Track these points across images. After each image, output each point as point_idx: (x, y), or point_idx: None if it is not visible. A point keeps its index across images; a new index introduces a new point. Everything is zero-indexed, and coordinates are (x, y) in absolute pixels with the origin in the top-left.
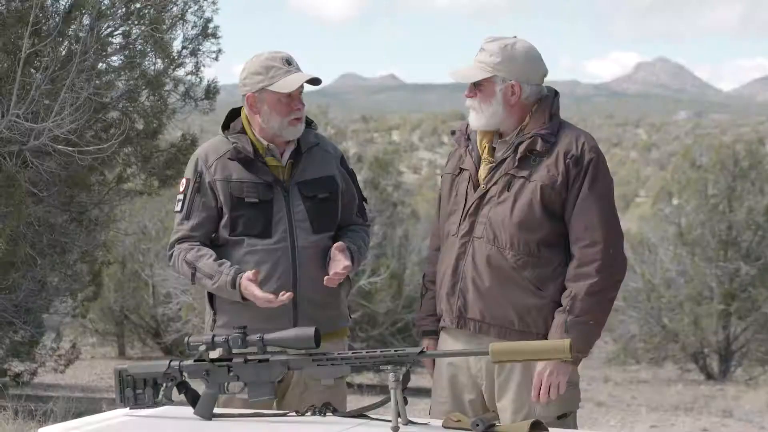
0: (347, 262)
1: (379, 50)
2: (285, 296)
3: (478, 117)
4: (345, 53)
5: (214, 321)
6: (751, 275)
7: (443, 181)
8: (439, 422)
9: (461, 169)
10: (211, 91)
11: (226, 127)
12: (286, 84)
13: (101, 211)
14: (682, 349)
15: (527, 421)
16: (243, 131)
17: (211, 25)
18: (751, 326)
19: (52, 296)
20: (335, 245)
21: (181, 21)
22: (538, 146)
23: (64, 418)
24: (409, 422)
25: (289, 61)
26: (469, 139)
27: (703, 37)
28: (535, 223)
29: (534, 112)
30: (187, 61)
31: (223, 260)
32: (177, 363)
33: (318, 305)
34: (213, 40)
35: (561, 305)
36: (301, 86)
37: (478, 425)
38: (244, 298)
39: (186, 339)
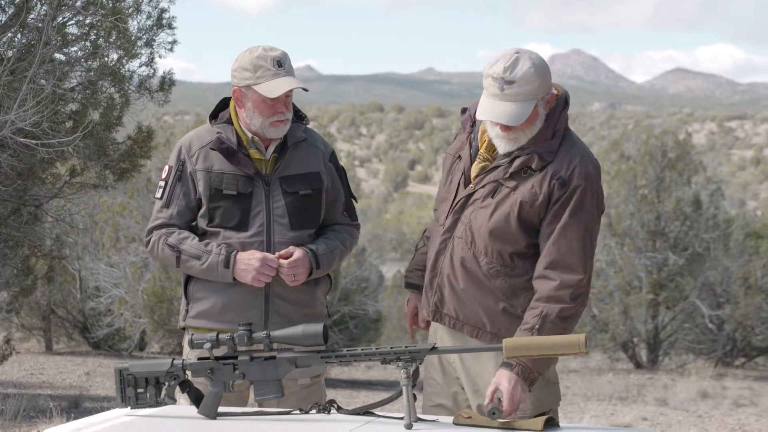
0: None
1: (295, 41)
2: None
3: (515, 142)
4: (261, 44)
5: (187, 311)
6: (679, 265)
7: (445, 159)
8: (448, 419)
9: (460, 156)
10: (167, 83)
11: (214, 116)
12: (270, 88)
13: (47, 205)
14: (611, 339)
15: (541, 417)
16: (229, 121)
17: (166, 16)
18: (678, 315)
19: None
20: (289, 249)
21: (135, 11)
22: (534, 164)
23: (14, 415)
24: (418, 419)
25: (280, 63)
26: (473, 126)
27: (616, 30)
28: (509, 235)
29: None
30: (141, 52)
31: (208, 240)
32: (180, 361)
33: (290, 302)
34: (168, 31)
35: None
36: (289, 90)
37: (494, 413)
38: (234, 279)
39: (189, 337)
